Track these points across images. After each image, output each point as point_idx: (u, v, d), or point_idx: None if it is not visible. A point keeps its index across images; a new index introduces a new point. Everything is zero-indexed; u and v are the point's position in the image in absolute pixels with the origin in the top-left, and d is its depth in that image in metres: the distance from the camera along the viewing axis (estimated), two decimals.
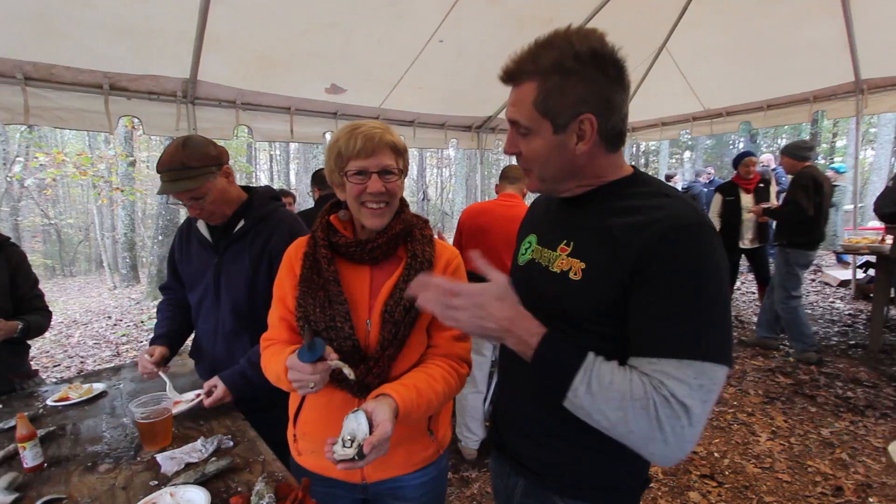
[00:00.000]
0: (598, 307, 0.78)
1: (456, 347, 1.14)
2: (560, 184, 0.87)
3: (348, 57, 3.54)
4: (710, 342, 0.70)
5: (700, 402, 0.68)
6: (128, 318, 7.03)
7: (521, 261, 0.98)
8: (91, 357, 5.21)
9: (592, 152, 0.81)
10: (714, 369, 0.69)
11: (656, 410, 0.68)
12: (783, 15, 3.99)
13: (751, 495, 2.29)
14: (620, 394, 0.71)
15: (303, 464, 1.18)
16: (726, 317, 0.72)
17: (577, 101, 0.76)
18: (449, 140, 5.15)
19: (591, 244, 0.82)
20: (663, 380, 0.69)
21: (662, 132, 6.24)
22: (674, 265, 0.71)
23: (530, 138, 0.82)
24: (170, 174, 1.40)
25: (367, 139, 1.03)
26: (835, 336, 4.47)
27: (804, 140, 4.31)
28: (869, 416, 2.96)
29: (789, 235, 3.88)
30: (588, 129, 0.78)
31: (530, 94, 0.79)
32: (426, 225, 1.21)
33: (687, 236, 0.72)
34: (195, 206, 1.45)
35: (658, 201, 0.78)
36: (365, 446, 0.84)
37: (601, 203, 0.84)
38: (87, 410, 1.50)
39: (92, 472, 1.14)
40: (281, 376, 1.01)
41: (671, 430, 0.68)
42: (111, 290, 10.43)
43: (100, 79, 2.91)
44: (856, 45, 3.99)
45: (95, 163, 9.96)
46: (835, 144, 18.76)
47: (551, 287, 0.85)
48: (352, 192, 1.07)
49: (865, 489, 2.29)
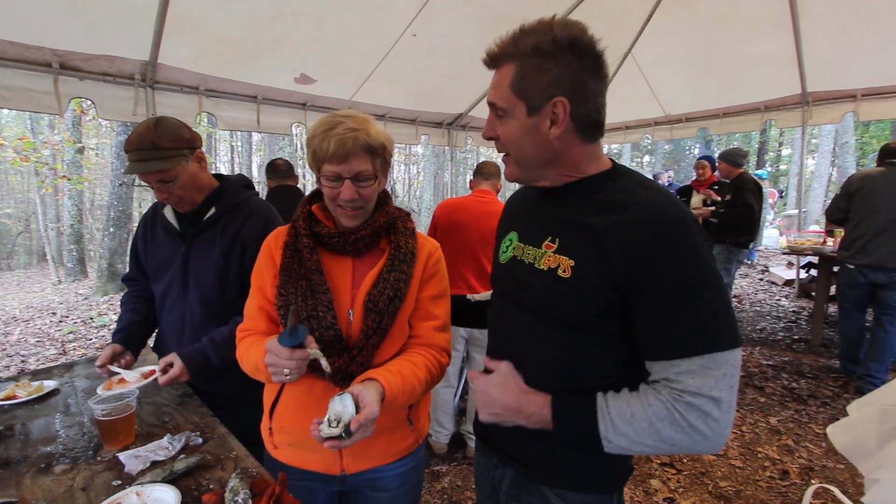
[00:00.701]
0: (590, 307, 0.79)
1: (437, 338, 1.14)
2: (536, 171, 0.86)
3: (319, 46, 3.46)
4: (721, 331, 0.72)
5: (728, 389, 0.72)
6: (75, 314, 6.61)
7: (503, 259, 0.98)
8: (34, 356, 4.86)
9: (567, 139, 0.81)
10: (731, 355, 0.73)
11: (685, 419, 0.72)
12: (739, 29, 4.22)
13: (707, 481, 2.42)
14: (647, 422, 0.74)
15: (279, 457, 1.16)
16: (726, 301, 0.75)
17: (550, 83, 0.78)
18: (420, 136, 5.13)
19: (576, 241, 0.82)
20: (687, 381, 0.72)
21: (626, 135, 6.46)
22: (670, 266, 0.73)
23: (506, 120, 0.83)
24: (139, 153, 1.33)
25: (340, 144, 0.99)
26: (780, 331, 4.77)
27: (739, 148, 4.68)
28: (811, 405, 3.18)
29: (734, 235, 4.16)
30: (561, 112, 0.78)
31: (509, 76, 0.80)
32: (409, 217, 1.20)
33: (674, 234, 0.73)
34: (163, 190, 1.38)
35: (639, 195, 0.79)
36: (352, 424, 0.84)
37: (582, 197, 0.84)
38: (37, 409, 1.40)
39: (46, 473, 1.07)
40: (259, 365, 0.98)
41: (707, 428, 0.72)
42: (55, 284, 9.77)
43: (48, 56, 2.71)
44: (803, 59, 4.27)
45: (39, 148, 9.28)
46: (780, 153, 20.00)
47: (539, 285, 0.85)
48: (327, 194, 1.06)
49: (808, 472, 2.46)
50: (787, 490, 2.33)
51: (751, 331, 4.81)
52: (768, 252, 9.24)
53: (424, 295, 1.14)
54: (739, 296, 6.19)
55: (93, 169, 11.55)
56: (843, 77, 4.37)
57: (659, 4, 4.19)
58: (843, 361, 3.65)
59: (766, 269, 7.63)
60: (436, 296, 1.15)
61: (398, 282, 1.07)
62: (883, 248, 3.20)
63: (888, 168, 3.30)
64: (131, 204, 8.51)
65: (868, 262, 3.26)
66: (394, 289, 1.06)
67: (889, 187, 3.23)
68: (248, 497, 0.92)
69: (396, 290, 1.06)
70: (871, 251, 3.25)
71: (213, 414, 1.35)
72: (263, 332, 1.12)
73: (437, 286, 1.16)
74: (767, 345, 4.38)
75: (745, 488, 2.35)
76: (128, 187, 8.10)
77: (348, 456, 1.10)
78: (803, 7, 3.80)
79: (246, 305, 1.16)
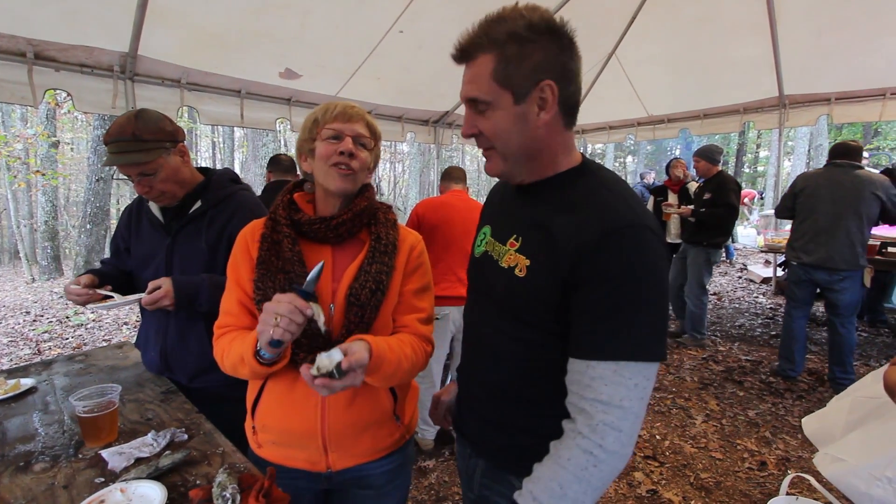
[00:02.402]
0: (542, 305, 0.81)
1: (421, 328, 1.14)
2: (522, 163, 0.85)
3: (304, 41, 3.42)
4: (643, 342, 0.73)
5: (638, 400, 0.72)
6: (49, 313, 6.41)
7: (477, 252, 1.00)
8: (6, 356, 4.71)
9: (552, 126, 0.80)
10: (648, 368, 0.73)
11: (603, 449, 0.72)
12: (719, 32, 4.31)
13: (688, 473, 2.47)
14: (575, 480, 0.73)
15: (263, 456, 1.13)
16: (661, 315, 0.75)
17: (535, 67, 0.76)
18: (406, 133, 5.12)
19: (535, 241, 0.83)
20: (600, 389, 0.72)
21: (609, 135, 6.54)
22: (608, 268, 0.73)
23: (489, 114, 0.80)
24: (118, 145, 1.30)
25: (347, 107, 1.07)
26: (758, 328, 4.90)
27: (715, 145, 4.68)
28: (787, 398, 3.28)
29: (710, 236, 4.13)
30: (549, 96, 0.77)
31: (488, 67, 0.78)
32: (389, 209, 1.20)
33: (621, 238, 0.73)
34: (143, 183, 1.35)
35: (597, 195, 0.79)
36: (343, 363, 0.82)
37: (547, 195, 0.85)
38: (13, 408, 1.36)
39: (25, 472, 1.04)
40: (245, 356, 0.96)
41: (619, 445, 0.72)
42: (28, 283, 9.46)
43: (22, 46, 2.62)
44: (780, 63, 4.38)
45: (11, 142, 8.97)
46: (758, 154, 20.49)
47: (500, 282, 0.87)
48: (323, 153, 1.05)
49: (785, 462, 2.54)
50: (765, 480, 2.40)
51: (730, 327, 4.93)
52: (746, 251, 9.47)
53: (408, 288, 1.12)
54: (719, 293, 6.33)
55: (68, 164, 11.22)
56: (818, 80, 4.49)
57: (643, 6, 4.26)
58: (780, 360, 3.65)
59: (744, 267, 7.82)
60: (419, 289, 1.14)
61: (380, 274, 1.05)
62: (822, 248, 3.26)
63: (832, 168, 3.35)
64: (109, 200, 8.30)
65: (809, 260, 3.32)
66: (375, 281, 1.04)
67: (829, 188, 3.28)
68: (236, 492, 0.91)
69: (378, 282, 1.05)
70: (812, 250, 3.31)
71: (198, 411, 1.33)
72: (246, 327, 1.08)
73: (421, 279, 1.15)
74: (746, 340, 4.50)
75: (725, 479, 2.41)
76: (105, 183, 7.90)
77: (334, 453, 1.08)
78: (780, 11, 3.90)
79: (223, 301, 1.11)
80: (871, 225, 3.25)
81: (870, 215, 3.20)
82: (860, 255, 3.22)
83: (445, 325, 2.57)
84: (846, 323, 3.30)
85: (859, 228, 3.19)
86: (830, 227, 3.23)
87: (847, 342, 3.30)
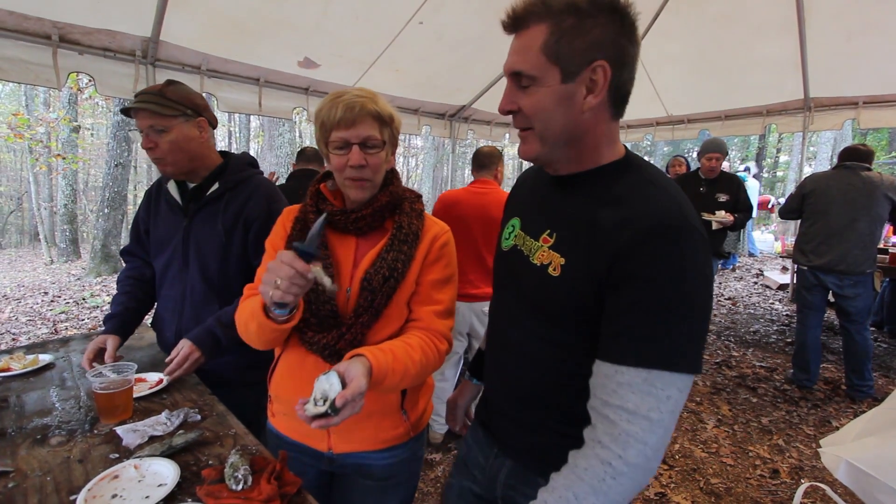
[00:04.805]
0: (577, 307, 0.76)
1: (437, 323, 1.10)
2: (560, 149, 0.78)
3: (323, 31, 3.42)
4: (680, 352, 0.67)
5: (668, 413, 0.67)
6: (67, 294, 6.54)
7: (505, 246, 0.94)
8: (24, 334, 4.81)
9: (598, 113, 0.75)
10: (683, 380, 0.67)
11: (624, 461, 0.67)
12: (744, 31, 4.21)
13: (698, 477, 2.44)
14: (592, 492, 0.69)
15: (276, 426, 1.17)
16: (702, 325, 0.69)
17: (591, 45, 0.70)
18: (422, 126, 5.10)
19: (573, 237, 0.77)
20: (627, 398, 0.67)
21: (627, 134, 6.45)
22: (651, 268, 0.67)
23: (533, 90, 0.74)
24: (144, 96, 1.37)
25: (348, 108, 1.00)
26: (773, 334, 4.81)
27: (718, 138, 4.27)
28: (802, 407, 3.21)
29: (719, 244, 3.87)
30: (601, 78, 0.71)
31: (539, 38, 0.71)
32: (418, 199, 1.18)
33: (668, 238, 0.68)
34: (151, 139, 1.37)
35: (644, 191, 0.73)
36: (338, 400, 0.80)
37: (588, 189, 0.79)
38: (32, 382, 1.38)
39: (42, 444, 1.05)
40: (255, 310, 0.97)
41: (644, 460, 0.67)
42: (47, 264, 9.67)
43: (48, 28, 2.66)
44: (807, 64, 4.27)
45: (33, 125, 9.14)
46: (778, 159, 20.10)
47: (531, 280, 0.82)
48: (335, 165, 1.05)
49: (798, 471, 2.49)
50: (776, 489, 2.35)
51: (744, 333, 4.85)
52: (763, 256, 9.31)
53: (427, 279, 1.10)
54: (734, 298, 6.23)
55: (88, 149, 11.42)
56: (845, 83, 4.38)
57: (666, 3, 4.18)
58: (794, 370, 3.56)
59: (760, 272, 7.68)
60: (440, 280, 1.12)
61: (395, 262, 1.05)
62: (833, 251, 3.20)
63: (841, 170, 3.28)
64: (126, 186, 8.42)
65: (820, 263, 3.26)
66: (390, 268, 1.04)
67: (840, 190, 3.21)
68: (248, 473, 0.91)
69: (393, 269, 1.04)
70: (823, 253, 3.25)
71: (212, 392, 1.34)
72: None
73: (443, 271, 1.13)
74: (760, 347, 4.42)
75: (736, 486, 2.38)
76: (123, 168, 8.02)
77: (335, 434, 1.09)
78: (810, 12, 3.79)
79: (259, 270, 1.13)
80: (882, 228, 3.19)
81: (882, 217, 3.15)
82: (872, 258, 3.15)
83: (457, 319, 2.55)
84: (861, 329, 3.24)
85: (871, 230, 3.13)
86: (843, 230, 3.18)
87: (863, 349, 3.23)
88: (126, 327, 1.52)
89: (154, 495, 0.88)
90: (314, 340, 1.03)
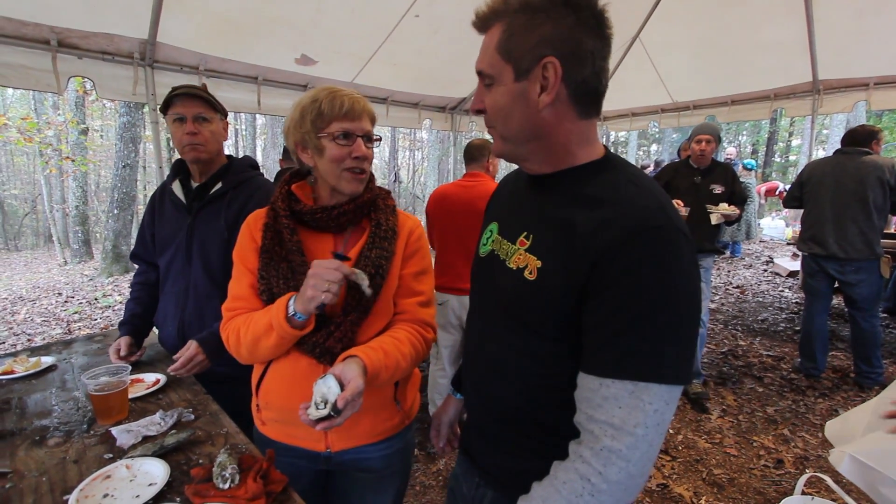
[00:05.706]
0: (554, 313, 0.72)
1: (421, 313, 1.15)
2: (523, 146, 0.77)
3: (319, 27, 3.41)
4: (669, 362, 0.64)
5: (654, 427, 0.64)
6: (80, 294, 6.68)
7: (482, 252, 0.91)
8: (40, 335, 4.93)
9: (559, 111, 0.72)
10: (671, 391, 0.64)
11: (604, 478, 0.64)
12: (749, 13, 4.10)
13: (701, 468, 2.43)
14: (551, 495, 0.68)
15: (267, 433, 1.17)
16: (690, 332, 0.66)
17: (540, 41, 0.68)
18: (423, 120, 5.08)
19: (550, 239, 0.74)
20: (613, 413, 0.64)
21: (632, 122, 6.36)
22: (633, 273, 0.64)
23: (493, 89, 0.74)
24: (191, 88, 1.50)
25: (355, 102, 1.05)
26: (782, 322, 4.75)
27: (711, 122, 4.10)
28: (809, 396, 3.18)
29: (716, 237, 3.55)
30: (552, 75, 0.69)
31: (495, 37, 0.72)
32: (389, 195, 1.22)
33: (650, 240, 0.64)
34: (195, 126, 1.47)
35: (625, 193, 0.70)
36: (339, 401, 0.84)
37: (565, 189, 0.76)
38: (34, 384, 1.41)
39: (40, 445, 1.08)
40: (275, 322, 0.99)
41: (627, 478, 0.64)
42: (61, 265, 9.86)
43: (46, 33, 2.68)
44: (815, 46, 4.16)
45: (42, 129, 9.28)
46: (790, 143, 19.71)
47: (507, 284, 0.79)
48: (335, 155, 1.04)
49: (803, 461, 2.47)
50: (780, 479, 2.34)
51: (752, 321, 4.80)
52: (773, 243, 9.17)
53: (407, 272, 1.15)
54: (742, 286, 6.16)
55: (97, 151, 11.57)
56: (855, 64, 4.25)
57: None
58: (801, 358, 3.52)
59: (770, 259, 7.57)
60: (418, 272, 1.17)
61: (380, 259, 1.08)
62: (830, 238, 3.16)
63: (839, 156, 3.22)
64: (135, 186, 8.53)
65: (819, 251, 3.22)
66: (375, 266, 1.07)
67: (834, 176, 3.16)
68: (235, 472, 0.93)
69: (378, 267, 1.07)
70: (821, 240, 3.21)
71: (207, 391, 1.36)
72: (258, 310, 1.08)
73: (420, 262, 1.18)
74: (768, 335, 4.37)
75: (739, 476, 2.36)
76: (131, 169, 8.12)
77: (333, 433, 1.11)
78: None
79: (232, 286, 1.13)
80: (883, 212, 3.09)
81: (877, 202, 3.05)
82: (874, 244, 3.08)
83: (447, 312, 2.56)
84: (868, 317, 3.18)
85: (867, 216, 3.06)
86: (836, 217, 3.13)
87: (871, 336, 3.18)
88: (136, 334, 1.60)
89: (144, 494, 0.90)
90: (304, 339, 1.04)
